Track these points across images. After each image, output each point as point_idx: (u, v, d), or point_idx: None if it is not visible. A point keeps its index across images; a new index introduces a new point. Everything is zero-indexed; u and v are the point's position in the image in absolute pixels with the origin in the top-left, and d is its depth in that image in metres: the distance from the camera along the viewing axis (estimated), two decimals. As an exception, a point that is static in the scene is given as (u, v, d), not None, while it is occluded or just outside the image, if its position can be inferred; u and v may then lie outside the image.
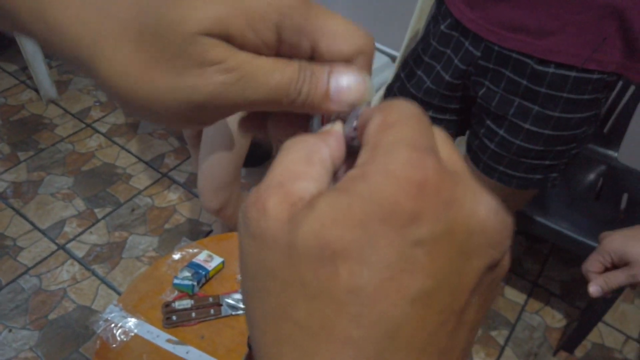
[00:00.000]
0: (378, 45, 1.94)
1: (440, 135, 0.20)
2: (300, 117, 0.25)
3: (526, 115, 0.97)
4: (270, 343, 0.18)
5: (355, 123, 0.22)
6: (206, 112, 0.22)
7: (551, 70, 0.93)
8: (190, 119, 0.22)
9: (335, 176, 0.21)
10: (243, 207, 0.19)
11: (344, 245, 0.16)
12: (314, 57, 0.22)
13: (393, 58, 2.03)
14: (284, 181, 0.19)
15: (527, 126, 0.97)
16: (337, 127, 0.22)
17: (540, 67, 0.93)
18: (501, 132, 1.01)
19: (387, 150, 0.18)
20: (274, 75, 0.21)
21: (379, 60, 2.04)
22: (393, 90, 1.18)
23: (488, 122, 1.03)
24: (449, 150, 0.20)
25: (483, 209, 0.17)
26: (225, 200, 1.33)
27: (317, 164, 0.20)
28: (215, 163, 1.29)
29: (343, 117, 0.23)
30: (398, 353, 0.16)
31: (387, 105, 0.20)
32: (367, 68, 0.23)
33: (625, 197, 1.51)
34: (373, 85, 0.23)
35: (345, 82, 0.22)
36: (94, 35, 0.21)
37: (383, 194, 0.16)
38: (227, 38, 0.20)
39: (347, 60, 0.22)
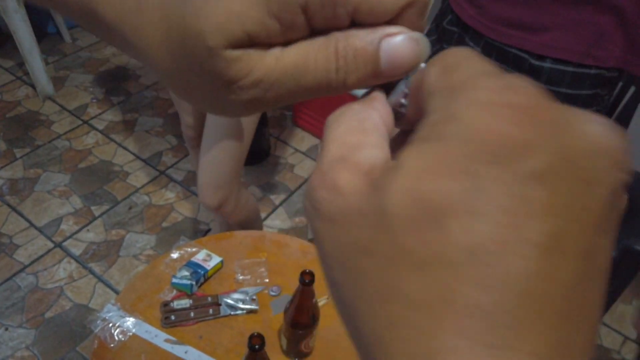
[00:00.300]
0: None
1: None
2: None
3: None
4: (380, 330, 0.15)
5: (404, 87, 0.19)
6: (251, 111, 0.21)
7: (547, 65, 0.93)
8: (240, 115, 0.22)
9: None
10: (308, 195, 0.17)
11: (448, 197, 0.14)
12: (355, 22, 0.19)
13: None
14: (345, 154, 0.17)
15: None
16: (378, 92, 0.20)
17: (537, 63, 0.93)
18: None
19: (468, 84, 0.15)
20: (305, 76, 0.19)
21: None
22: None
23: None
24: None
25: (596, 127, 0.15)
26: (225, 198, 1.32)
27: (372, 131, 0.18)
28: (216, 160, 1.28)
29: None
30: (538, 316, 0.13)
31: (439, 56, 0.18)
32: (420, 21, 0.20)
33: (624, 197, 1.51)
34: (427, 40, 0.20)
35: (398, 48, 0.19)
36: (135, 22, 0.20)
37: (483, 127, 0.14)
38: (249, 38, 0.18)
39: (394, 18, 0.19)
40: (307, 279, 0.87)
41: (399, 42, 0.19)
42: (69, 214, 1.89)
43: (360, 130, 0.18)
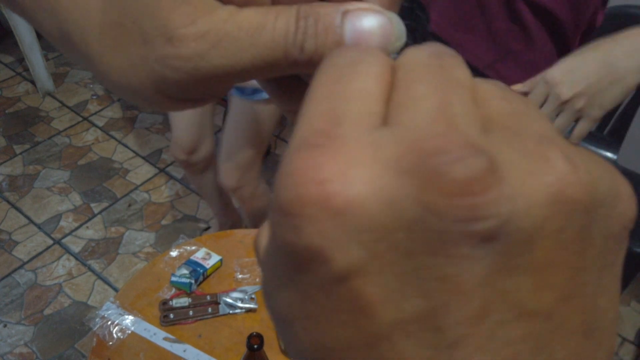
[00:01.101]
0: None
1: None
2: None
3: None
4: None
5: None
6: (192, 87, 0.17)
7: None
8: (179, 97, 0.18)
9: None
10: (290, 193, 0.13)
11: None
12: None
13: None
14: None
15: None
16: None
17: None
18: None
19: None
20: (262, 33, 0.16)
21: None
22: None
23: None
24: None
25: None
26: (244, 179, 1.37)
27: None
28: (238, 144, 1.32)
29: None
30: None
31: (426, 49, 0.15)
32: (394, 3, 0.18)
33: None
34: (403, 26, 0.17)
35: (365, 24, 0.16)
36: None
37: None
38: None
39: None
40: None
41: (368, 17, 0.17)
42: (69, 211, 1.89)
43: (381, 97, 0.14)
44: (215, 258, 1.11)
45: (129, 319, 1.03)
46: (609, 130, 1.61)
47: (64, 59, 2.56)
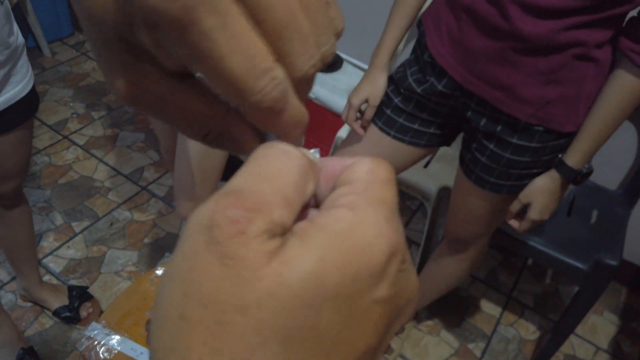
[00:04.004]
0: (351, 59, 1.97)
1: None
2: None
3: (513, 131, 1.03)
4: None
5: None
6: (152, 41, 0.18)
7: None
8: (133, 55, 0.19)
9: None
10: (208, 216, 0.16)
11: None
12: None
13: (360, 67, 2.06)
14: (269, 203, 0.16)
15: (514, 141, 1.04)
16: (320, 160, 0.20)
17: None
18: (491, 146, 1.07)
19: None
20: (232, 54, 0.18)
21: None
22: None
23: (479, 137, 1.08)
24: None
25: None
26: None
27: (302, 197, 0.18)
28: (190, 174, 1.28)
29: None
30: None
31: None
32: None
33: (595, 213, 1.58)
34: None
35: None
36: None
37: None
38: None
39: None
40: None
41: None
42: (49, 230, 1.88)
43: (297, 188, 0.17)
44: (201, 276, 1.12)
45: (115, 339, 1.03)
46: (625, 186, 1.67)
47: (44, 77, 2.55)
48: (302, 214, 0.18)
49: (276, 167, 0.18)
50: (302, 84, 0.19)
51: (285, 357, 0.15)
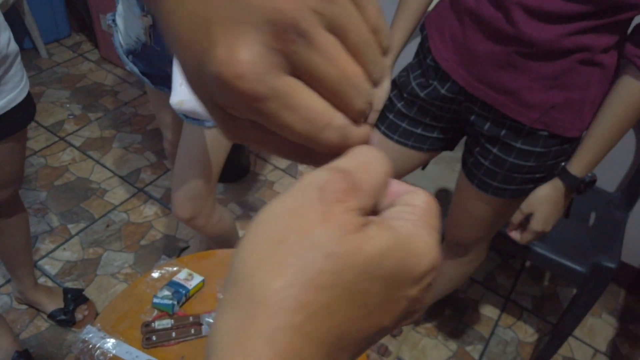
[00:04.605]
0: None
1: None
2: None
3: (517, 135, 1.02)
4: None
5: None
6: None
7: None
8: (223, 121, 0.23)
9: None
10: (324, 180, 0.21)
11: None
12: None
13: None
14: (365, 190, 0.22)
15: (518, 145, 1.03)
16: None
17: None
18: (495, 150, 1.06)
19: None
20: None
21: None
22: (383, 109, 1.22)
23: (482, 141, 1.07)
24: None
25: None
26: (197, 211, 1.31)
27: (379, 196, 0.23)
28: (189, 172, 1.27)
29: None
30: None
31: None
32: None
33: (593, 215, 1.57)
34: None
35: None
36: None
37: None
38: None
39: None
40: None
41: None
42: (45, 233, 1.87)
43: (381, 186, 0.23)
44: (197, 279, 1.11)
45: (110, 342, 1.02)
46: (623, 188, 1.67)
47: (40, 78, 2.54)
48: None
49: (374, 165, 0.22)
50: (363, 113, 0.23)
51: (344, 299, 0.19)
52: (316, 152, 0.23)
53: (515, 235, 1.13)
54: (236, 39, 0.19)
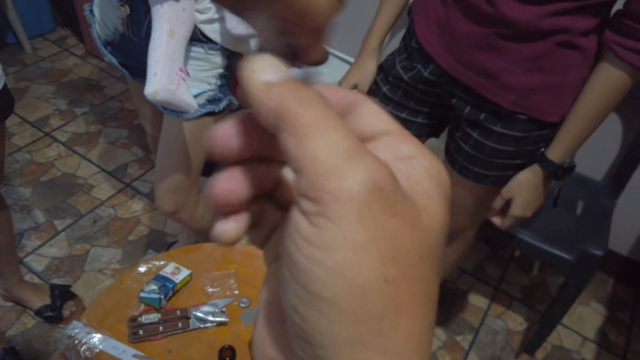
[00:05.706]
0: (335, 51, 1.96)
1: None
2: None
3: (496, 119, 1.02)
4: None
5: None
6: None
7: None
8: None
9: None
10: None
11: None
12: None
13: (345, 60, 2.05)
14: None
15: (497, 129, 1.03)
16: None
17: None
18: (475, 134, 1.06)
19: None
20: None
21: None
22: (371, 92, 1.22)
23: (463, 125, 1.08)
24: None
25: None
26: (180, 204, 1.30)
27: None
28: (169, 164, 1.26)
29: None
30: None
31: None
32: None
33: (580, 204, 1.58)
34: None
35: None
36: None
37: None
38: None
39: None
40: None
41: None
42: (31, 229, 1.84)
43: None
44: (184, 272, 1.10)
45: (96, 338, 1.01)
46: (610, 177, 1.67)
47: (25, 73, 2.51)
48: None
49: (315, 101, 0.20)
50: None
51: (426, 275, 0.19)
52: None
53: (496, 220, 1.14)
54: None
